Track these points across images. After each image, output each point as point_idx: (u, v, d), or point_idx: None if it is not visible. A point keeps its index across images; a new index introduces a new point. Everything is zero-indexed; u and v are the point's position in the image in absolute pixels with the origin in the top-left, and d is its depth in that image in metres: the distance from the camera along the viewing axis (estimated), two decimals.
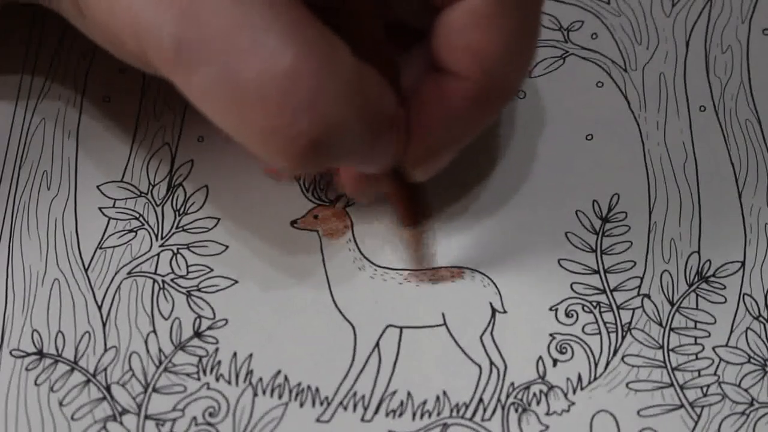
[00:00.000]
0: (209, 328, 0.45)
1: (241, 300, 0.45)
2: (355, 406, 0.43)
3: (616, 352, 0.44)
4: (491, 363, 0.44)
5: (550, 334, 0.45)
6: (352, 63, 0.37)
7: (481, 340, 0.45)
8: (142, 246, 0.46)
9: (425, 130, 0.41)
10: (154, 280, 0.46)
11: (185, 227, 0.47)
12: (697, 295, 0.46)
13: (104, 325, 0.45)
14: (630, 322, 0.45)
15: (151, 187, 0.48)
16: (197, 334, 0.45)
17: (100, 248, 0.46)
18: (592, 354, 0.44)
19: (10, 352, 0.44)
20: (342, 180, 0.44)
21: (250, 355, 0.44)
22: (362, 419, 0.43)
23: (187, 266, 0.46)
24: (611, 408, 0.43)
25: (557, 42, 0.51)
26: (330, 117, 0.36)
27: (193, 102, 0.38)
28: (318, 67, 0.36)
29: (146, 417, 0.43)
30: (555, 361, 0.44)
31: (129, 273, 0.46)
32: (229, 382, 0.44)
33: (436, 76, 0.41)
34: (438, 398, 0.43)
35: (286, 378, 0.44)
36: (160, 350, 0.44)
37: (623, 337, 0.45)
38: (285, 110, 0.36)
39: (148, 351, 0.44)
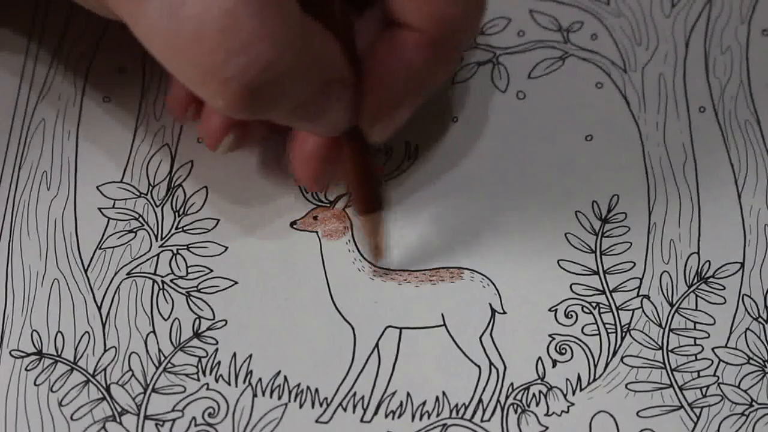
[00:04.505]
0: (209, 328, 0.45)
1: (240, 301, 0.45)
2: (354, 406, 0.43)
3: (615, 352, 0.44)
4: (491, 364, 0.44)
5: (550, 335, 0.45)
6: (297, 15, 0.37)
7: (481, 341, 0.45)
8: (141, 246, 0.46)
9: (380, 84, 0.41)
10: (154, 281, 0.46)
11: (185, 228, 0.47)
12: (697, 295, 0.46)
13: (104, 325, 0.45)
14: (629, 323, 0.45)
15: (150, 188, 0.48)
16: (197, 335, 0.45)
17: (100, 248, 0.46)
18: (592, 355, 0.44)
19: (10, 353, 0.44)
20: (295, 161, 0.44)
21: (250, 356, 0.44)
22: (362, 420, 0.43)
23: (187, 267, 0.46)
24: (611, 409, 0.43)
25: (557, 43, 0.51)
26: (265, 62, 0.36)
27: (141, 39, 0.38)
28: (259, 11, 0.36)
29: (146, 417, 0.43)
30: (554, 362, 0.44)
31: (129, 273, 0.46)
32: (229, 383, 0.44)
33: (389, 31, 0.41)
34: (437, 399, 0.43)
35: (285, 379, 0.44)
36: (159, 351, 0.44)
37: (623, 338, 0.45)
38: (220, 50, 0.36)
39: (147, 351, 0.44)
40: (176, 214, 0.47)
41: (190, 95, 0.45)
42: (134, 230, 0.47)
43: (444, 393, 0.44)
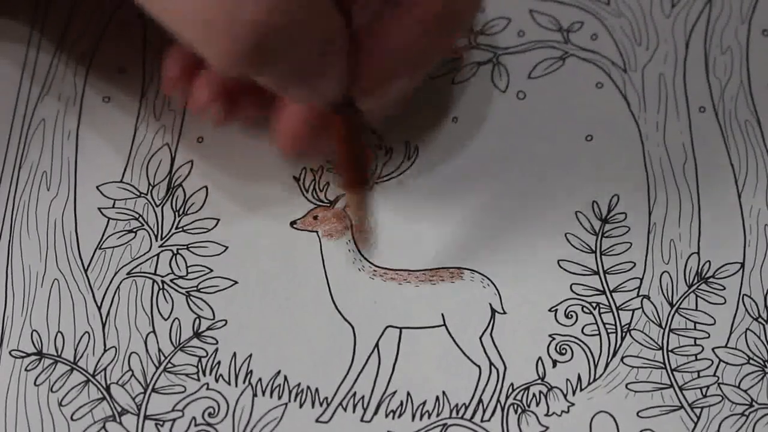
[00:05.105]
0: (209, 328, 0.45)
1: (240, 300, 0.45)
2: (354, 406, 0.43)
3: (615, 353, 0.44)
4: (491, 364, 0.44)
5: (550, 335, 0.45)
6: None
7: (481, 341, 0.45)
8: (141, 246, 0.46)
9: (377, 53, 0.41)
10: (154, 281, 0.46)
11: (185, 228, 0.47)
12: (697, 296, 0.46)
13: (104, 325, 0.45)
14: (629, 323, 0.45)
15: (150, 188, 0.48)
16: (197, 335, 0.45)
17: (100, 248, 0.46)
18: (592, 355, 0.44)
19: (10, 353, 0.44)
20: (280, 128, 0.44)
21: (250, 356, 0.44)
22: (362, 420, 0.43)
23: (187, 267, 0.46)
24: (611, 409, 0.43)
25: (557, 43, 0.51)
26: (272, 14, 0.37)
27: None
28: None
29: (146, 417, 0.43)
30: (554, 362, 0.44)
31: (128, 273, 0.46)
32: (229, 383, 0.44)
33: (390, 5, 0.41)
34: (438, 399, 0.43)
35: (285, 378, 0.44)
36: (159, 350, 0.44)
37: (623, 338, 0.45)
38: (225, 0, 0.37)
39: (147, 351, 0.44)
40: (176, 213, 0.47)
41: (183, 71, 0.45)
42: (134, 230, 0.47)
43: (444, 393, 0.44)
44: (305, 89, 0.41)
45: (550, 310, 0.45)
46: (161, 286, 0.46)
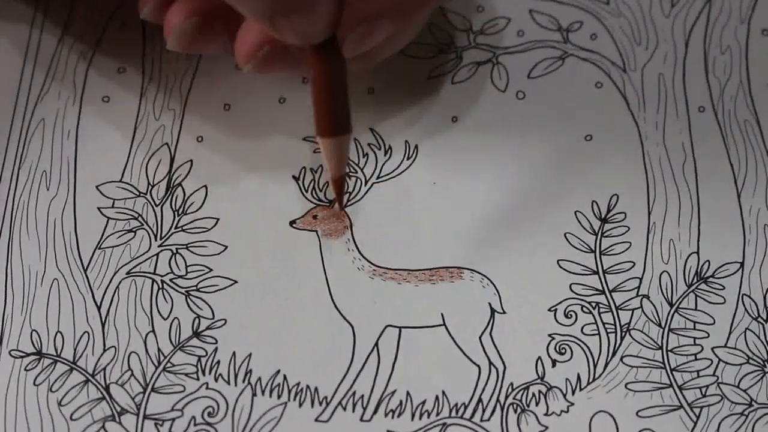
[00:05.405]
0: (208, 328, 0.45)
1: (240, 300, 0.45)
2: (354, 405, 0.43)
3: (615, 352, 0.44)
4: (490, 363, 0.44)
5: (549, 335, 0.45)
6: None
7: (480, 341, 0.45)
8: (141, 246, 0.46)
9: None
10: (153, 280, 0.46)
11: (184, 227, 0.47)
12: (696, 295, 0.46)
13: (103, 325, 0.45)
14: (629, 323, 0.45)
15: (150, 187, 0.48)
16: (196, 334, 0.45)
17: (99, 248, 0.46)
18: (591, 355, 0.44)
19: (9, 353, 0.44)
20: (245, 40, 0.44)
21: (249, 355, 0.44)
22: (361, 419, 0.43)
23: (186, 266, 0.46)
24: (610, 409, 0.43)
25: (556, 43, 0.51)
26: None
27: None
28: None
29: (145, 417, 0.43)
30: (554, 362, 0.44)
31: (128, 273, 0.46)
32: (228, 382, 0.44)
33: None
34: (437, 398, 0.43)
35: (285, 378, 0.44)
36: (159, 350, 0.44)
37: (622, 338, 0.45)
38: None
39: (147, 351, 0.44)
40: (176, 213, 0.47)
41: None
42: (133, 230, 0.47)
43: (444, 392, 0.44)
44: (294, 21, 0.40)
45: (549, 310, 0.45)
46: (161, 286, 0.46)
